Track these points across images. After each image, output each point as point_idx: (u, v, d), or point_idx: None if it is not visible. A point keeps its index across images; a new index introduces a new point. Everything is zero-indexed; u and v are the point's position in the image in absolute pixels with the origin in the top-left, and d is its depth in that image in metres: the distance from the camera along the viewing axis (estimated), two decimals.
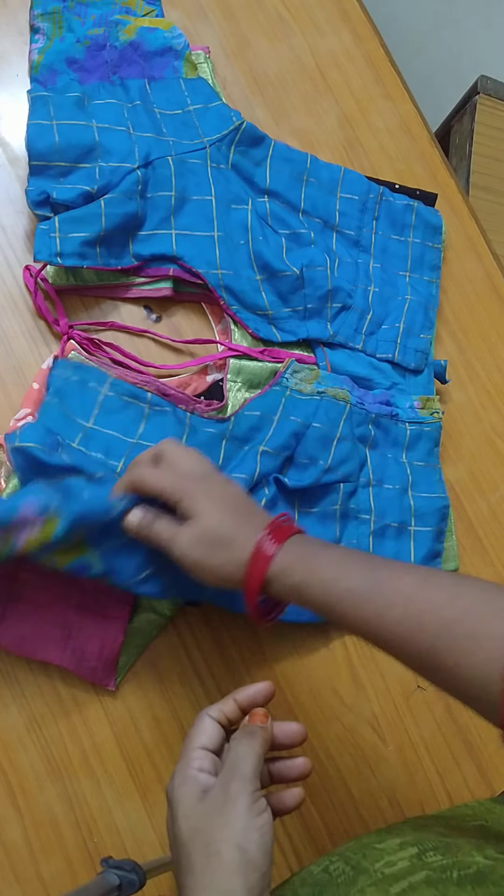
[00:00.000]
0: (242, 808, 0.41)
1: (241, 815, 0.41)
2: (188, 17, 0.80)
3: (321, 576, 0.48)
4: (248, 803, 0.41)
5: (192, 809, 0.42)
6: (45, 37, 0.75)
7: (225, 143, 0.73)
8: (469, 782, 0.69)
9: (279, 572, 0.49)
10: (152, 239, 0.70)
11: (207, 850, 0.40)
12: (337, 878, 0.45)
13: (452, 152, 1.17)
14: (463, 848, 0.46)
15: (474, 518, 0.75)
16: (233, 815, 0.41)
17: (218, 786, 0.42)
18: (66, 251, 0.65)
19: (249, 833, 0.41)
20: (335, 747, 0.67)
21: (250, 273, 0.71)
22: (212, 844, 0.40)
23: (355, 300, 0.74)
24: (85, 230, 0.66)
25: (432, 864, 0.44)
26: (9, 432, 0.61)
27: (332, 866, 0.47)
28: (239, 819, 0.41)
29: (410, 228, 0.77)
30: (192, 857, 0.40)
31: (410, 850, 0.46)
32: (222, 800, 0.41)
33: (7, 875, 0.61)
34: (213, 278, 0.69)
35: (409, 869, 0.44)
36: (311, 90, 0.82)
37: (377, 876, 0.43)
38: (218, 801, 0.42)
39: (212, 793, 0.42)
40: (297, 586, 0.49)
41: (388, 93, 0.83)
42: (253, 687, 0.48)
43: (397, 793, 0.67)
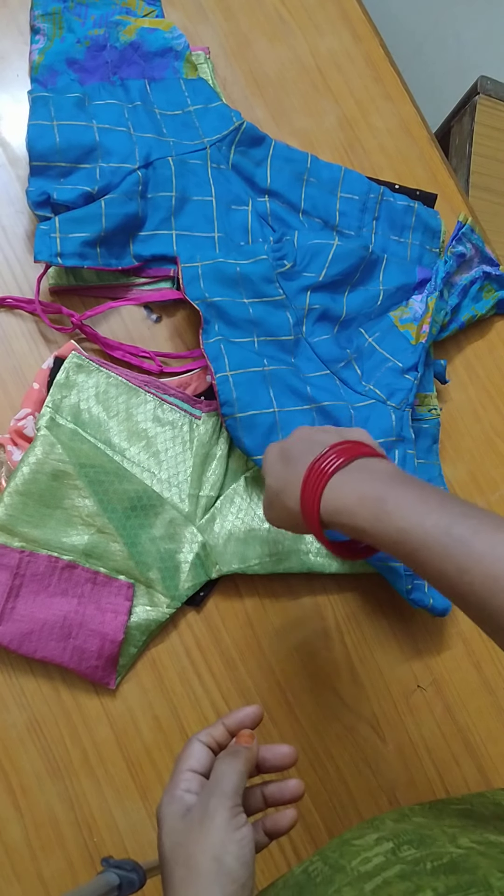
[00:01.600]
0: (220, 821, 0.41)
1: (219, 829, 0.41)
2: (188, 18, 0.80)
3: (396, 523, 0.43)
4: (226, 817, 0.42)
5: (174, 827, 0.43)
6: (45, 37, 0.75)
7: (225, 143, 0.73)
8: (469, 781, 0.69)
9: (340, 509, 0.45)
10: (153, 239, 0.70)
11: (187, 864, 0.41)
12: (315, 878, 0.46)
13: (452, 153, 1.17)
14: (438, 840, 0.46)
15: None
16: (210, 828, 0.41)
17: (198, 803, 0.43)
18: (66, 251, 0.66)
19: (227, 845, 0.41)
20: (335, 747, 0.67)
21: None
22: (190, 858, 0.41)
23: None
24: (85, 230, 0.66)
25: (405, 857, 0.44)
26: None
27: (312, 867, 0.47)
28: (216, 832, 0.41)
29: (410, 230, 0.77)
30: (173, 873, 0.41)
31: (386, 844, 0.46)
32: (201, 815, 0.42)
33: (7, 874, 0.61)
34: None
35: (382, 865, 0.44)
36: (311, 90, 0.82)
37: (353, 874, 0.44)
38: (197, 817, 0.42)
39: (193, 810, 0.43)
40: (366, 532, 0.44)
41: (388, 93, 0.83)
42: (242, 711, 0.48)
43: (397, 792, 0.68)
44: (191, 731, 0.66)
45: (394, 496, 0.44)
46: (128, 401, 0.68)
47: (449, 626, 0.72)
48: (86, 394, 0.67)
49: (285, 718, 0.67)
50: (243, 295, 0.68)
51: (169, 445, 0.68)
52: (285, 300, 0.69)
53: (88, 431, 0.66)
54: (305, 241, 0.70)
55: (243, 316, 0.67)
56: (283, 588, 0.69)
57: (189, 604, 0.67)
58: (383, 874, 0.42)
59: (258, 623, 0.68)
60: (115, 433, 0.67)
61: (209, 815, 0.42)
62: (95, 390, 0.67)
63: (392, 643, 0.70)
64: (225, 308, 0.67)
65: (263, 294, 0.68)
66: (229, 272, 0.68)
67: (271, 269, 0.68)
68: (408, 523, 0.43)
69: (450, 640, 0.71)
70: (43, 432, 0.64)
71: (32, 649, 0.62)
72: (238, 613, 0.68)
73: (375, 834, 0.48)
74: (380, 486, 0.45)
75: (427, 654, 0.71)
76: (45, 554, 0.63)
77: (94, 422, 0.67)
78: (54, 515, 0.63)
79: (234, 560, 0.66)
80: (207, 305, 0.67)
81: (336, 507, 0.46)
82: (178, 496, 0.67)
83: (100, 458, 0.65)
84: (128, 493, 0.65)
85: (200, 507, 0.67)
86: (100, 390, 0.67)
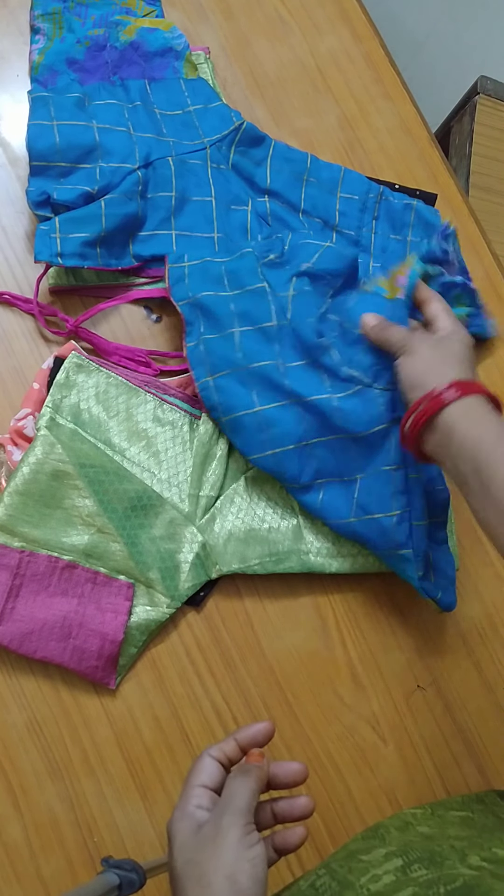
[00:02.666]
0: (233, 840, 0.41)
1: (232, 847, 0.41)
2: (188, 18, 0.80)
3: (480, 445, 0.52)
4: (239, 835, 0.42)
5: (186, 843, 0.42)
6: (45, 37, 0.75)
7: (225, 143, 0.73)
8: (469, 782, 0.69)
9: (449, 422, 0.55)
10: (152, 239, 0.70)
11: (199, 882, 0.41)
12: (323, 893, 0.45)
13: (452, 153, 1.17)
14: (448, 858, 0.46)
15: (474, 518, 0.75)
16: (223, 846, 0.41)
17: (211, 820, 0.43)
18: (66, 251, 0.65)
19: (240, 864, 0.41)
20: (335, 747, 0.67)
21: None
22: (203, 876, 0.41)
23: None
24: (85, 230, 0.66)
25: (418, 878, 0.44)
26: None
27: (319, 881, 0.47)
28: (230, 850, 0.41)
29: (409, 227, 0.77)
30: (185, 890, 0.41)
31: (395, 861, 0.46)
32: (214, 833, 0.42)
33: (7, 874, 0.61)
34: None
35: (394, 885, 0.44)
36: (311, 90, 0.82)
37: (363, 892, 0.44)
38: (210, 834, 0.42)
39: (205, 827, 0.43)
40: (455, 445, 0.54)
41: (388, 93, 0.83)
42: (254, 727, 0.48)
43: (397, 792, 0.67)
44: (191, 731, 0.65)
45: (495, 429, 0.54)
46: (128, 401, 0.68)
47: (449, 626, 0.71)
48: (86, 394, 0.67)
49: (285, 718, 0.67)
50: (228, 289, 0.67)
51: (169, 445, 0.68)
52: (268, 288, 0.67)
53: (88, 431, 0.66)
54: (297, 241, 0.69)
55: (226, 310, 0.66)
56: (283, 588, 0.69)
57: (189, 604, 0.67)
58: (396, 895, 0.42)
59: (258, 623, 0.68)
60: (115, 433, 0.67)
61: (222, 832, 0.42)
62: (95, 390, 0.67)
63: (392, 643, 0.70)
64: (208, 305, 0.66)
65: (246, 284, 0.67)
66: (215, 270, 0.67)
67: (255, 260, 0.68)
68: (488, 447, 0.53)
69: (450, 641, 0.71)
70: (43, 432, 0.64)
71: (32, 649, 0.62)
72: (238, 613, 0.68)
73: (383, 849, 0.48)
74: (489, 420, 0.55)
75: (427, 654, 0.71)
76: (45, 554, 0.63)
77: (94, 422, 0.67)
78: (54, 515, 0.63)
79: (234, 560, 0.66)
80: (192, 306, 0.67)
81: (447, 419, 0.55)
82: (178, 496, 0.67)
83: (100, 458, 0.65)
84: (128, 493, 0.64)
85: (200, 507, 0.67)
86: (100, 390, 0.67)
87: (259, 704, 0.67)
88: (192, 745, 0.65)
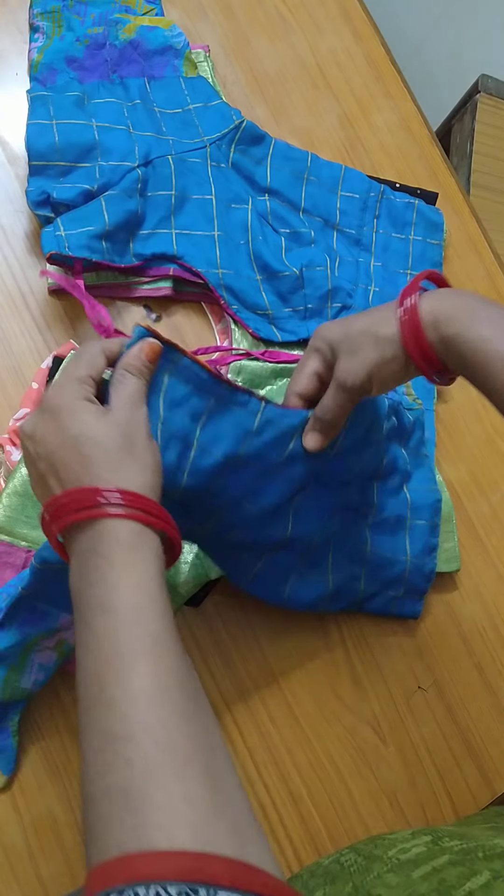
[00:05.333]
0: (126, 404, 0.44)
1: (127, 410, 0.44)
2: (188, 16, 0.80)
3: (479, 332, 0.47)
4: (129, 405, 0.44)
5: (97, 415, 0.43)
6: (44, 35, 0.74)
7: (225, 141, 0.73)
8: (470, 783, 0.69)
9: (434, 320, 0.48)
10: (152, 238, 0.69)
11: (112, 447, 0.41)
12: (349, 867, 0.46)
13: (453, 151, 1.17)
14: (480, 837, 0.46)
15: (475, 518, 0.75)
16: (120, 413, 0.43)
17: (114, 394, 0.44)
18: (74, 245, 0.65)
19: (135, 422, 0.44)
20: (335, 748, 0.67)
21: (250, 273, 0.71)
22: (115, 440, 0.42)
23: (355, 300, 0.74)
24: (89, 225, 0.65)
25: (452, 848, 0.44)
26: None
27: (343, 858, 0.47)
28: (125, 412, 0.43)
29: (412, 226, 0.77)
30: (96, 455, 0.41)
31: (424, 837, 0.47)
32: (121, 404, 0.44)
33: (6, 876, 0.61)
34: (214, 278, 0.69)
35: (427, 854, 0.44)
36: (311, 89, 0.81)
37: (393, 862, 0.44)
38: (118, 404, 0.44)
39: (110, 402, 0.44)
40: (452, 338, 0.48)
41: (389, 91, 0.83)
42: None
43: (398, 793, 0.67)
44: None
45: (483, 311, 0.47)
46: None
47: (450, 627, 0.71)
48: None
49: (285, 719, 0.67)
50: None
51: None
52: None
53: None
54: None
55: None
56: None
57: (189, 604, 0.66)
58: (432, 862, 0.42)
59: (258, 623, 0.68)
60: None
61: (124, 402, 0.44)
62: None
63: (393, 644, 0.70)
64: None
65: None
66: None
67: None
68: (489, 333, 0.46)
69: (451, 642, 0.71)
70: None
71: None
72: (238, 613, 0.68)
73: (409, 831, 0.48)
74: (470, 301, 0.49)
75: (428, 655, 0.70)
76: None
77: None
78: None
79: None
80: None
81: (435, 317, 0.48)
82: None
83: None
84: None
85: None
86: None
87: (259, 705, 0.67)
88: None
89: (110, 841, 0.32)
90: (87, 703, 0.37)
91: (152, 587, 0.39)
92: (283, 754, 0.66)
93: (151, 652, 0.37)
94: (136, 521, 0.40)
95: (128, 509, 0.40)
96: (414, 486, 0.70)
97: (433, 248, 0.78)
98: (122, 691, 0.36)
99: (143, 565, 0.39)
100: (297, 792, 0.66)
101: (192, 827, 0.32)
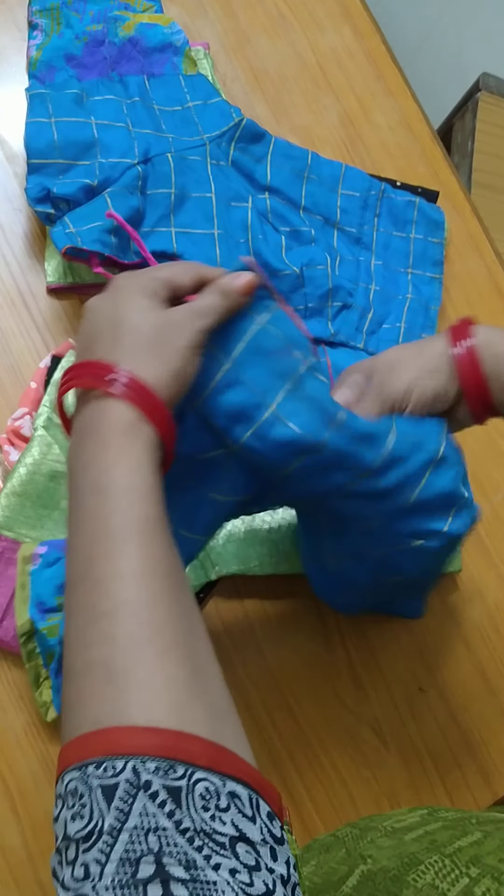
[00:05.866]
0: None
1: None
2: (187, 13, 0.80)
3: None
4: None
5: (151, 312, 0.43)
6: (43, 33, 0.74)
7: (225, 139, 0.73)
8: (471, 784, 0.68)
9: (485, 342, 0.49)
10: (152, 236, 0.69)
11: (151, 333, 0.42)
12: (344, 837, 0.47)
13: (454, 150, 1.16)
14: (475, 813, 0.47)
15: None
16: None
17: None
18: (86, 240, 0.64)
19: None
20: (336, 749, 0.67)
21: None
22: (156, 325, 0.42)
23: (356, 299, 0.74)
24: (97, 220, 0.65)
25: (446, 817, 0.46)
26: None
27: (339, 832, 0.49)
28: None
29: (412, 224, 0.77)
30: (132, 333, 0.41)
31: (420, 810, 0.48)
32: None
33: (6, 879, 0.61)
34: None
35: (420, 822, 0.45)
36: (311, 87, 0.81)
37: (387, 829, 0.45)
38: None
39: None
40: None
41: (390, 90, 0.82)
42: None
43: (398, 795, 0.67)
44: None
45: None
46: None
47: (451, 629, 0.71)
48: None
49: (285, 721, 0.67)
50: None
51: None
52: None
53: None
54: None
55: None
56: (283, 589, 0.69)
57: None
58: (425, 827, 0.43)
59: (258, 624, 0.68)
60: None
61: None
62: None
63: (394, 645, 0.70)
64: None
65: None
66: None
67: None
68: None
69: (452, 643, 0.71)
70: (40, 432, 0.64)
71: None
72: (238, 614, 0.68)
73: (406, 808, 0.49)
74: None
75: (429, 657, 0.70)
76: None
77: None
78: (52, 516, 0.63)
79: (234, 561, 0.66)
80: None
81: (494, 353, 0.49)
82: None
83: None
84: None
85: None
86: None
87: (259, 707, 0.66)
88: None
89: (88, 715, 0.32)
90: (74, 582, 0.37)
91: (146, 473, 0.39)
92: (283, 757, 0.66)
93: (142, 534, 0.37)
94: (135, 408, 0.39)
95: (130, 392, 0.39)
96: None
97: (434, 246, 0.77)
98: (109, 570, 0.35)
99: (138, 452, 0.39)
100: (297, 794, 0.65)
101: (172, 706, 0.32)
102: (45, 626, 0.59)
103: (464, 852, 0.39)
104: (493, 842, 0.40)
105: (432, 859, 0.38)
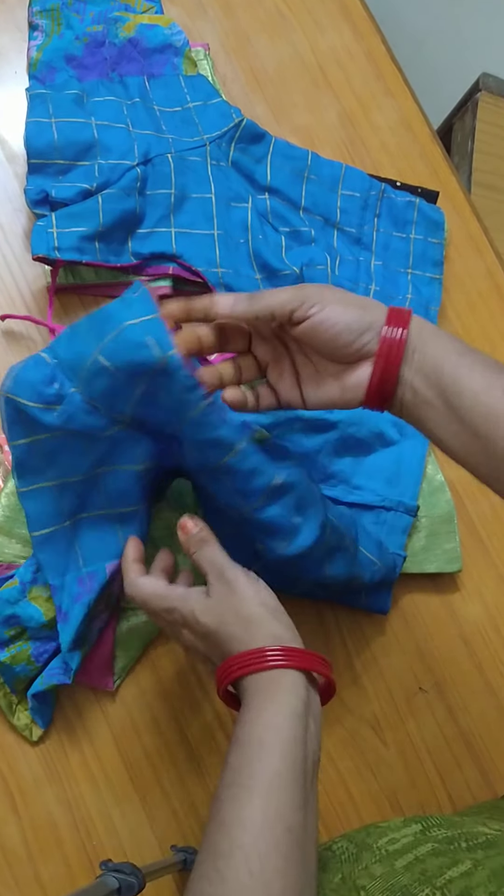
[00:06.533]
0: (245, 582, 0.50)
1: (248, 586, 0.50)
2: (187, 14, 0.80)
3: (452, 369, 0.47)
4: (246, 579, 0.50)
5: (207, 605, 0.50)
6: (43, 34, 0.74)
7: (225, 140, 0.73)
8: (471, 784, 0.68)
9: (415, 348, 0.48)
10: (151, 237, 0.69)
11: (240, 620, 0.48)
12: (340, 855, 0.47)
13: (454, 150, 1.16)
14: (468, 823, 0.48)
15: (477, 519, 0.74)
16: (241, 589, 0.49)
17: (215, 583, 0.50)
18: (63, 246, 0.65)
19: (261, 593, 0.50)
20: (336, 749, 0.67)
21: (250, 272, 0.71)
22: (241, 615, 0.48)
23: None
24: (83, 225, 0.65)
25: (437, 836, 0.46)
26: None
27: (336, 845, 0.49)
28: (248, 589, 0.49)
29: (412, 225, 0.77)
30: (230, 633, 0.48)
31: (414, 826, 0.48)
32: (227, 588, 0.50)
33: (6, 878, 0.61)
34: (213, 277, 0.69)
35: (412, 844, 0.45)
36: (311, 87, 0.81)
37: (381, 853, 0.45)
38: (224, 590, 0.50)
39: (213, 589, 0.50)
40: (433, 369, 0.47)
41: (390, 90, 0.82)
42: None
43: (398, 795, 0.67)
44: (190, 733, 0.65)
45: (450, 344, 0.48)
46: None
47: (451, 628, 0.71)
48: None
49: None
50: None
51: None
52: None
53: None
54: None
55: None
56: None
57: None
58: (414, 851, 0.44)
59: None
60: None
61: (232, 583, 0.50)
62: None
63: (393, 645, 0.70)
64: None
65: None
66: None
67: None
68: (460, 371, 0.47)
69: (452, 642, 0.71)
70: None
71: None
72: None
73: (402, 818, 0.50)
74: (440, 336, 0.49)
75: (429, 656, 0.70)
76: None
77: None
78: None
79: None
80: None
81: (414, 342, 0.48)
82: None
83: None
84: None
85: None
86: None
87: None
88: (191, 749, 0.65)
89: None
90: (207, 821, 0.42)
91: (282, 725, 0.43)
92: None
93: (267, 788, 0.41)
94: (290, 669, 0.46)
95: (285, 660, 0.46)
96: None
97: (434, 246, 0.77)
98: (233, 817, 0.40)
99: (275, 706, 0.44)
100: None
101: None
102: (6, 656, 0.59)
103: (454, 884, 0.40)
104: (482, 873, 0.40)
105: (423, 893, 0.40)
